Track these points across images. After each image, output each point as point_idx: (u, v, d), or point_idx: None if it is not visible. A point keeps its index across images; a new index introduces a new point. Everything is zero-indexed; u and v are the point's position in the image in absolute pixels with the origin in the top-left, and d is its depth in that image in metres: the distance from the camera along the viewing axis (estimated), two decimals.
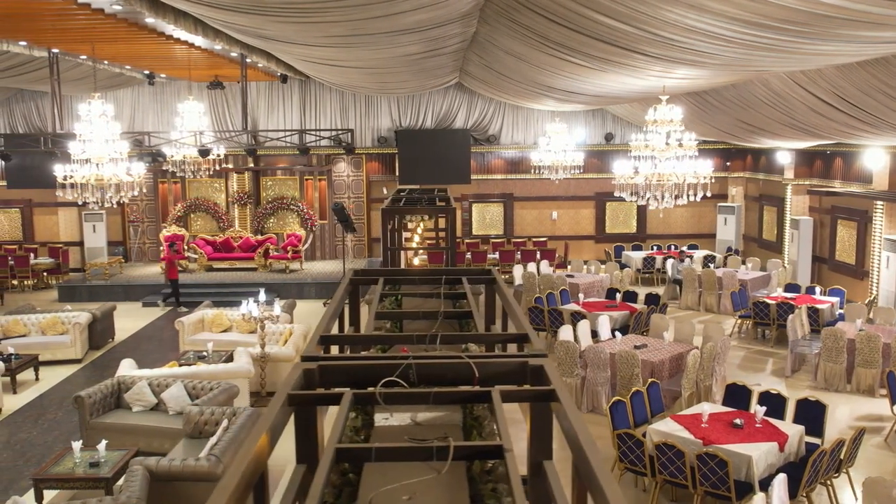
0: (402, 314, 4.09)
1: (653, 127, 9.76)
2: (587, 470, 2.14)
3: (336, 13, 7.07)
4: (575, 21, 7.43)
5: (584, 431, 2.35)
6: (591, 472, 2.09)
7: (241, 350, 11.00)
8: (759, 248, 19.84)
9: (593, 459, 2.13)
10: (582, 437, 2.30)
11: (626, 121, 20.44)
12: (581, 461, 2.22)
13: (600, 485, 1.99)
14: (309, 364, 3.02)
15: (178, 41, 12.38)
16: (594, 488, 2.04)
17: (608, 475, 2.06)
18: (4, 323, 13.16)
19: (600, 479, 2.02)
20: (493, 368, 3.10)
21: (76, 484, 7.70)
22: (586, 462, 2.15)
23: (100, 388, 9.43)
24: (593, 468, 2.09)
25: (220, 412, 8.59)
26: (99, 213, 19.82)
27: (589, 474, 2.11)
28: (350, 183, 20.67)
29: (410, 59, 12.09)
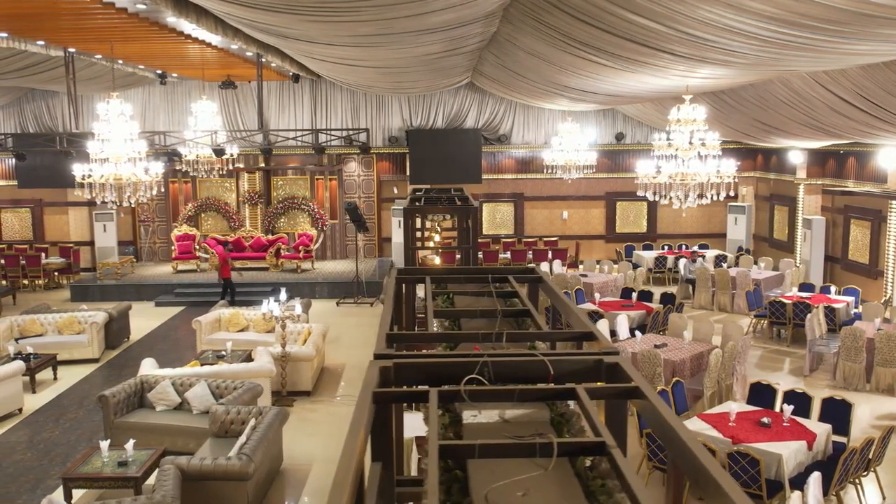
0: (459, 313, 4.08)
1: (676, 126, 9.74)
2: (693, 464, 2.14)
3: (367, 13, 7.07)
4: (606, 21, 7.43)
5: (682, 427, 2.35)
6: (700, 465, 2.09)
7: (262, 349, 11.00)
8: (769, 248, 19.85)
9: (700, 454, 2.13)
10: (682, 432, 2.30)
11: (637, 120, 20.45)
12: (684, 456, 2.22)
13: (715, 478, 1.99)
14: (385, 362, 3.02)
15: (195, 40, 12.37)
16: (706, 482, 2.04)
17: (719, 468, 2.06)
18: (21, 322, 13.15)
19: (713, 473, 2.02)
20: (567, 366, 3.10)
21: (105, 483, 7.69)
22: (691, 457, 2.15)
23: (123, 388, 9.42)
24: (702, 462, 2.08)
25: (247, 411, 8.60)
26: (109, 212, 19.82)
27: (696, 468, 2.11)
28: (361, 182, 20.67)
29: (429, 58, 12.09)
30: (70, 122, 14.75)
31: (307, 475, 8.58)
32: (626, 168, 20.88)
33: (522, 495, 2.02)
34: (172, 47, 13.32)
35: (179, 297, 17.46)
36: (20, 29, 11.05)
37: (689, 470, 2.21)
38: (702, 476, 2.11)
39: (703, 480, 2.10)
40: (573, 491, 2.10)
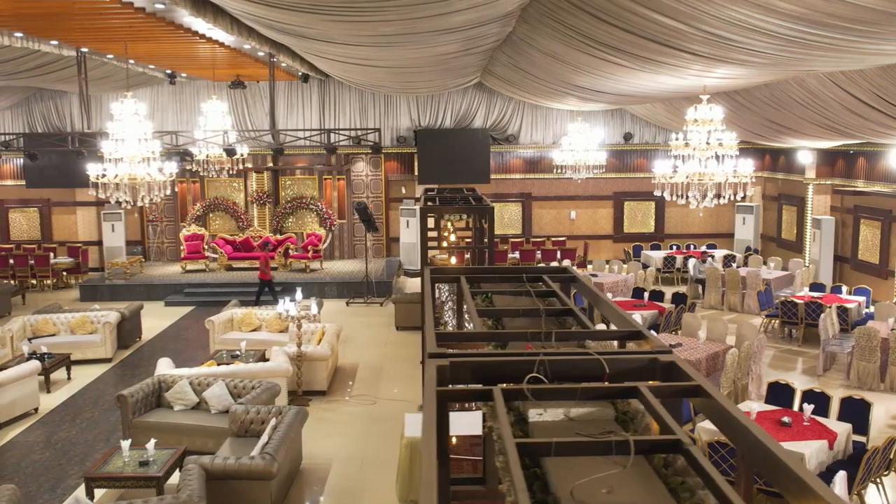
0: (502, 312, 4.09)
1: (693, 126, 9.75)
2: (770, 461, 2.14)
3: (393, 13, 7.07)
4: (629, 20, 7.44)
5: (753, 424, 2.36)
6: (778, 461, 2.09)
7: (277, 349, 11.00)
8: (777, 248, 19.87)
9: (779, 452, 2.14)
10: (754, 430, 2.30)
11: (646, 120, 20.46)
12: (758, 453, 2.22)
13: (797, 474, 2.00)
14: (441, 361, 3.03)
15: (209, 40, 12.38)
16: (787, 478, 2.04)
17: (800, 464, 2.07)
18: (34, 322, 13.16)
19: (796, 469, 2.02)
20: (622, 365, 3.10)
21: (127, 483, 7.70)
22: (768, 454, 2.16)
23: (141, 387, 9.43)
24: (782, 459, 2.09)
25: (266, 411, 8.60)
26: (118, 212, 19.85)
27: (774, 465, 2.11)
28: (369, 182, 20.67)
29: (443, 58, 12.10)
30: (82, 122, 14.71)
31: (327, 475, 8.59)
32: (633, 168, 20.91)
33: (607, 492, 2.03)
34: (185, 47, 13.32)
35: (189, 296, 17.47)
36: (35, 29, 11.06)
37: (765, 467, 2.21)
38: (780, 472, 2.11)
39: (782, 477, 2.10)
40: (656, 488, 2.11)
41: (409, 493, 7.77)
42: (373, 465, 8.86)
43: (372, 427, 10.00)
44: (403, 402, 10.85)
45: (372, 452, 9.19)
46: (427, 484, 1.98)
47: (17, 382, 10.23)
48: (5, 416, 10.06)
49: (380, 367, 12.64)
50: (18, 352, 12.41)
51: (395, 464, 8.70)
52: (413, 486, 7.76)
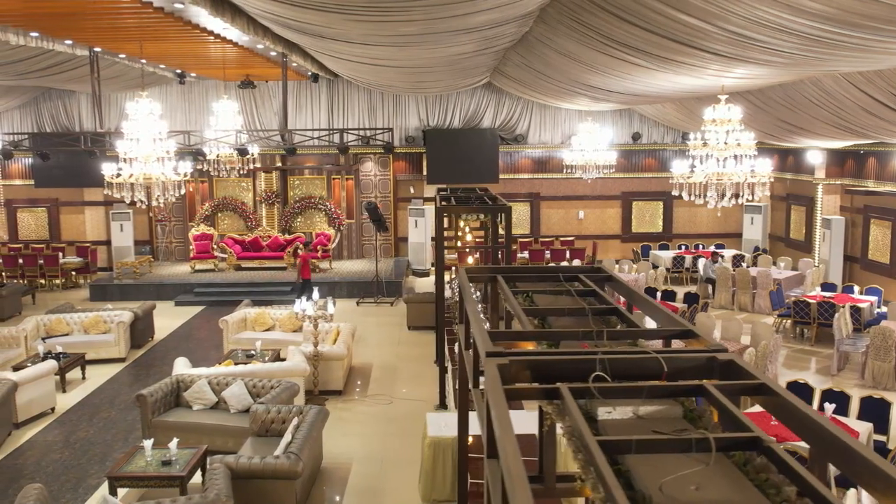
0: (548, 311, 4.09)
1: (711, 126, 9.76)
2: (850, 456, 2.15)
3: (419, 12, 7.08)
4: (653, 20, 7.44)
5: (827, 421, 2.37)
6: (860, 457, 2.10)
7: (294, 349, 11.02)
8: (786, 248, 19.88)
9: (857, 446, 2.14)
10: (829, 427, 2.31)
11: (654, 120, 20.48)
12: (835, 450, 2.23)
13: (882, 469, 2.01)
14: (501, 360, 3.03)
15: (224, 40, 12.38)
16: (871, 474, 2.05)
17: (881, 459, 2.07)
18: (47, 322, 13.16)
19: (878, 464, 2.03)
20: (679, 363, 3.11)
21: (151, 482, 7.70)
22: (849, 450, 2.17)
23: (160, 387, 9.43)
24: (863, 454, 2.10)
25: (287, 410, 8.61)
26: (126, 212, 19.86)
27: (855, 459, 2.12)
28: (377, 182, 20.68)
29: (458, 58, 12.11)
30: (94, 121, 14.70)
31: (348, 474, 8.60)
32: (642, 168, 20.92)
33: (696, 489, 2.04)
34: (199, 47, 13.33)
35: (199, 296, 17.47)
36: (52, 28, 11.05)
37: (844, 463, 2.22)
38: (862, 468, 2.12)
39: (864, 472, 2.11)
40: (743, 484, 2.12)
41: (433, 492, 7.78)
42: (393, 464, 8.87)
43: (389, 427, 10.01)
44: (419, 402, 10.85)
45: (391, 452, 9.20)
46: (518, 479, 1.99)
47: (34, 382, 10.24)
48: (23, 416, 10.06)
49: (394, 366, 12.64)
50: (33, 351, 12.41)
51: (416, 463, 8.72)
52: (436, 485, 7.77)
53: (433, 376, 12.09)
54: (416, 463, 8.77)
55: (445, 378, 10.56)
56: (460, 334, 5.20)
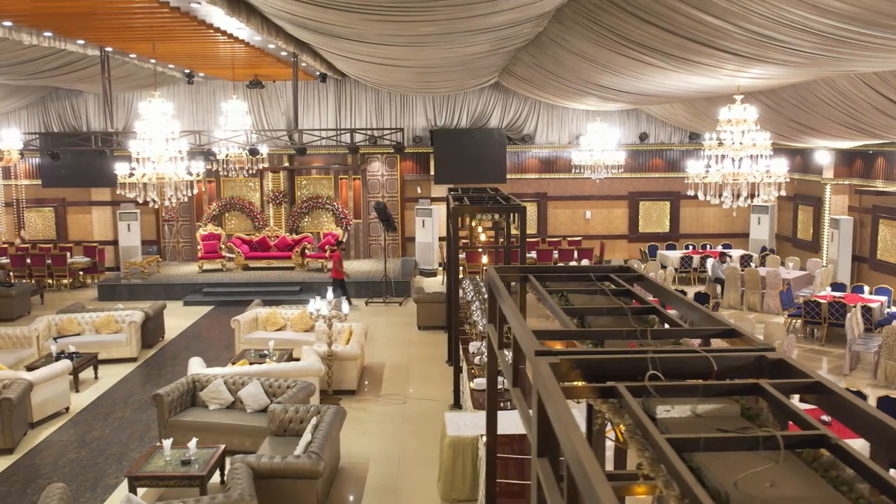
0: (587, 310, 4.10)
1: (726, 126, 9.77)
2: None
3: (440, 12, 7.08)
4: (673, 20, 7.45)
5: (888, 417, 2.37)
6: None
7: (307, 349, 11.02)
8: (792, 248, 19.89)
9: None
10: (891, 422, 2.32)
11: (661, 120, 20.49)
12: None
13: None
14: (552, 358, 3.03)
15: (236, 39, 12.38)
16: None
17: None
18: (59, 321, 13.16)
19: None
20: (728, 362, 3.12)
21: (170, 482, 7.70)
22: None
23: (176, 387, 9.44)
24: None
25: (305, 410, 8.62)
26: (133, 212, 19.85)
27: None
28: (384, 182, 20.69)
29: (470, 58, 12.11)
30: (105, 121, 14.69)
31: (365, 474, 8.60)
32: (649, 168, 20.93)
33: (770, 486, 2.04)
34: (211, 46, 13.34)
35: (207, 296, 17.47)
36: (66, 28, 11.06)
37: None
38: None
39: None
40: (815, 481, 2.12)
41: (452, 492, 7.78)
42: (410, 464, 8.87)
43: (405, 426, 10.01)
44: (433, 402, 10.86)
45: (408, 451, 9.20)
46: (596, 476, 1.99)
47: (49, 382, 10.24)
48: (38, 416, 10.06)
49: (406, 366, 12.65)
50: (45, 351, 12.42)
51: (433, 463, 8.73)
52: (456, 485, 7.77)
53: (445, 376, 12.10)
54: (434, 462, 8.78)
55: (460, 378, 10.56)
56: (491, 333, 5.20)
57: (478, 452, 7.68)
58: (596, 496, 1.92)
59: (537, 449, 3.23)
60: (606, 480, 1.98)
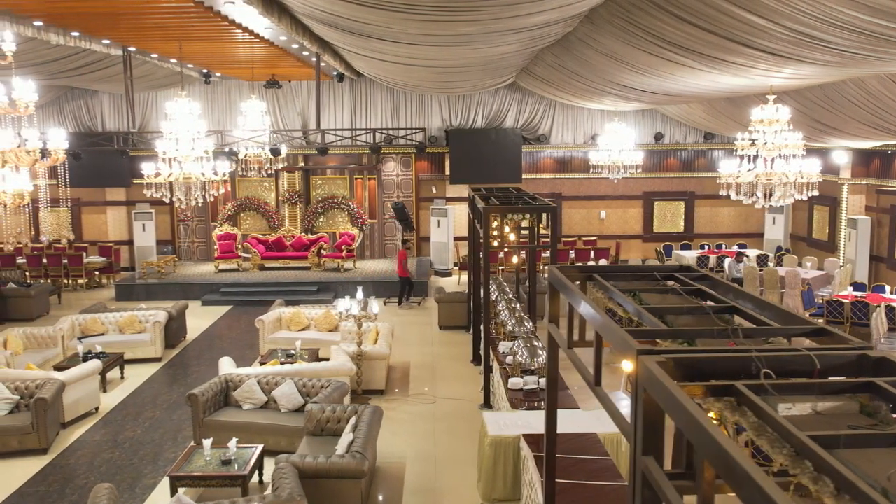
0: (667, 310, 4.10)
1: (759, 126, 9.79)
2: None
3: (485, 12, 7.09)
4: (716, 20, 7.45)
5: None
6: None
7: (337, 348, 11.03)
8: (808, 248, 19.90)
9: None
10: None
11: (677, 120, 20.50)
12: None
13: None
14: (658, 357, 3.04)
15: (262, 39, 12.39)
16: None
17: None
18: (82, 321, 13.17)
19: None
20: (830, 360, 3.13)
21: (212, 482, 7.71)
22: None
23: (210, 386, 9.44)
24: None
25: (342, 410, 8.63)
26: (148, 211, 19.86)
27: None
28: (399, 182, 20.69)
29: (497, 58, 12.11)
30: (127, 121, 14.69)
31: (403, 473, 8.60)
32: (664, 168, 20.94)
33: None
34: (235, 46, 13.34)
35: (225, 296, 17.47)
36: (95, 27, 11.05)
37: None
38: None
39: None
40: None
41: (493, 492, 7.78)
42: (447, 463, 8.88)
43: (437, 426, 10.01)
44: (462, 402, 10.87)
45: (443, 451, 9.21)
46: (757, 473, 2.00)
47: (80, 382, 10.24)
48: (70, 416, 10.06)
49: (430, 366, 12.65)
50: (70, 351, 12.42)
51: (469, 462, 8.74)
52: (496, 485, 7.78)
53: (471, 376, 12.12)
54: (470, 462, 8.79)
55: (490, 378, 10.57)
56: (553, 333, 5.21)
57: (520, 452, 7.69)
58: (767, 495, 1.93)
59: (642, 448, 3.24)
60: (769, 477, 1.99)
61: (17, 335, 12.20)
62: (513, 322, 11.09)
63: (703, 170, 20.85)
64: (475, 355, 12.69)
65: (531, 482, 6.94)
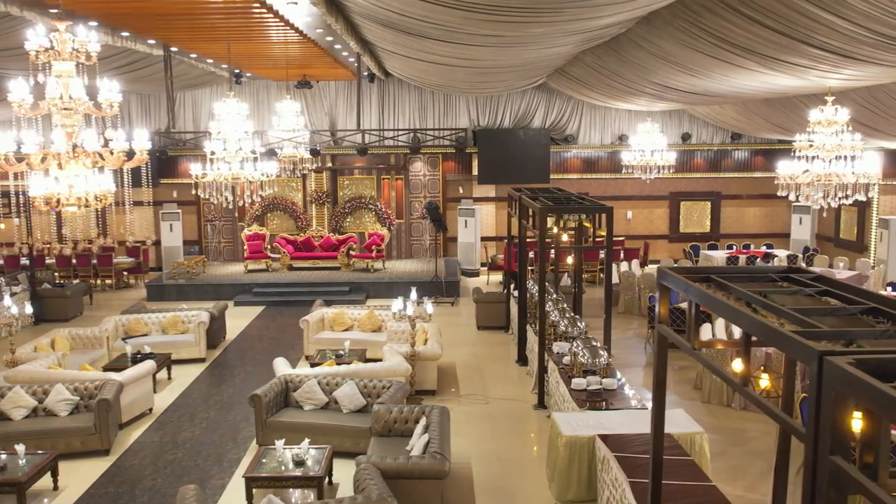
0: (811, 311, 4.11)
1: (817, 127, 9.82)
2: None
3: (569, 13, 7.09)
4: (795, 21, 7.46)
5: None
6: None
7: (388, 348, 11.03)
8: (834, 248, 19.94)
9: None
10: None
11: (704, 120, 20.53)
12: None
13: None
14: (846, 358, 3.05)
15: (308, 39, 12.38)
16: None
17: None
18: (125, 322, 13.15)
19: None
20: None
21: (288, 483, 7.71)
22: None
23: (271, 387, 9.44)
24: None
25: (409, 410, 8.63)
26: (176, 212, 19.86)
27: None
28: (426, 182, 20.69)
29: (544, 59, 12.12)
30: (169, 121, 14.68)
31: (471, 474, 8.61)
32: (690, 168, 20.97)
33: None
34: (280, 46, 13.32)
35: (258, 296, 17.46)
36: (146, 28, 11.04)
37: None
38: None
39: None
40: None
41: (568, 492, 7.79)
42: (512, 463, 8.89)
43: (496, 426, 10.02)
44: (515, 402, 10.89)
45: (507, 451, 9.21)
46: None
47: (136, 382, 10.23)
48: (126, 416, 10.05)
49: (476, 366, 12.66)
50: (115, 351, 12.41)
51: (533, 462, 8.77)
52: (571, 485, 7.78)
53: (518, 376, 12.14)
54: (534, 462, 8.82)
55: (545, 378, 10.57)
56: (666, 333, 5.21)
57: (595, 453, 7.70)
58: None
59: (829, 447, 3.25)
60: None
61: (63, 336, 12.19)
62: (565, 323, 11.11)
63: (729, 170, 20.88)
64: (520, 356, 12.70)
65: (615, 482, 6.95)
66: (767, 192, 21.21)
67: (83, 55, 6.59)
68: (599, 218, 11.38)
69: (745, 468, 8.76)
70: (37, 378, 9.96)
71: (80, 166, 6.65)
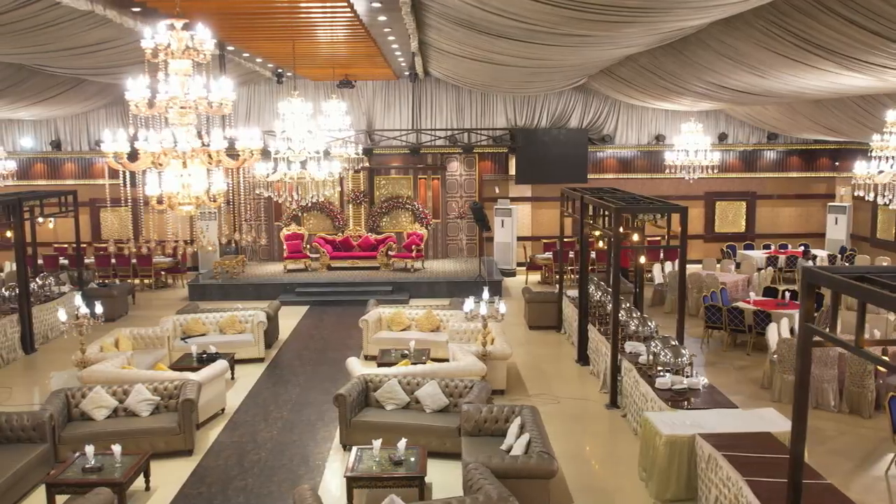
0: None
1: (892, 128, 9.86)
2: None
3: (676, 13, 7.10)
4: (892, 18, 7.47)
5: None
6: None
7: (458, 348, 11.03)
8: (871, 248, 19.98)
9: None
10: None
11: (740, 120, 20.56)
12: None
13: None
14: None
15: (370, 39, 12.37)
16: None
17: None
18: (184, 322, 13.14)
19: None
20: None
21: (388, 483, 7.69)
22: None
23: (353, 386, 9.44)
24: None
25: (499, 410, 8.65)
26: (212, 211, 19.74)
27: None
28: (462, 182, 20.69)
29: (608, 59, 12.13)
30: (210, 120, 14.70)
31: (562, 473, 8.60)
32: (726, 168, 20.98)
33: None
34: (337, 46, 13.31)
35: (301, 296, 17.44)
36: (221, 27, 11.01)
37: None
38: None
39: None
40: None
41: (667, 491, 7.80)
42: (601, 463, 8.91)
43: (572, 426, 10.02)
44: (586, 401, 10.91)
45: (596, 450, 9.24)
46: None
47: (212, 382, 10.22)
48: (203, 416, 10.03)
49: (536, 366, 12.67)
50: (175, 351, 12.40)
51: (621, 461, 8.79)
52: (671, 484, 7.79)
53: (581, 375, 12.16)
54: (622, 460, 8.84)
55: (617, 378, 10.59)
56: (817, 334, 5.23)
57: (694, 452, 7.71)
58: None
59: None
60: None
61: (126, 336, 12.17)
62: (635, 323, 11.13)
63: (765, 170, 20.92)
64: (581, 355, 12.71)
65: (726, 481, 6.96)
66: (803, 191, 21.29)
67: (200, 54, 6.56)
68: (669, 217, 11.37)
69: (831, 467, 8.76)
70: (112, 378, 9.95)
71: (201, 164, 6.63)
